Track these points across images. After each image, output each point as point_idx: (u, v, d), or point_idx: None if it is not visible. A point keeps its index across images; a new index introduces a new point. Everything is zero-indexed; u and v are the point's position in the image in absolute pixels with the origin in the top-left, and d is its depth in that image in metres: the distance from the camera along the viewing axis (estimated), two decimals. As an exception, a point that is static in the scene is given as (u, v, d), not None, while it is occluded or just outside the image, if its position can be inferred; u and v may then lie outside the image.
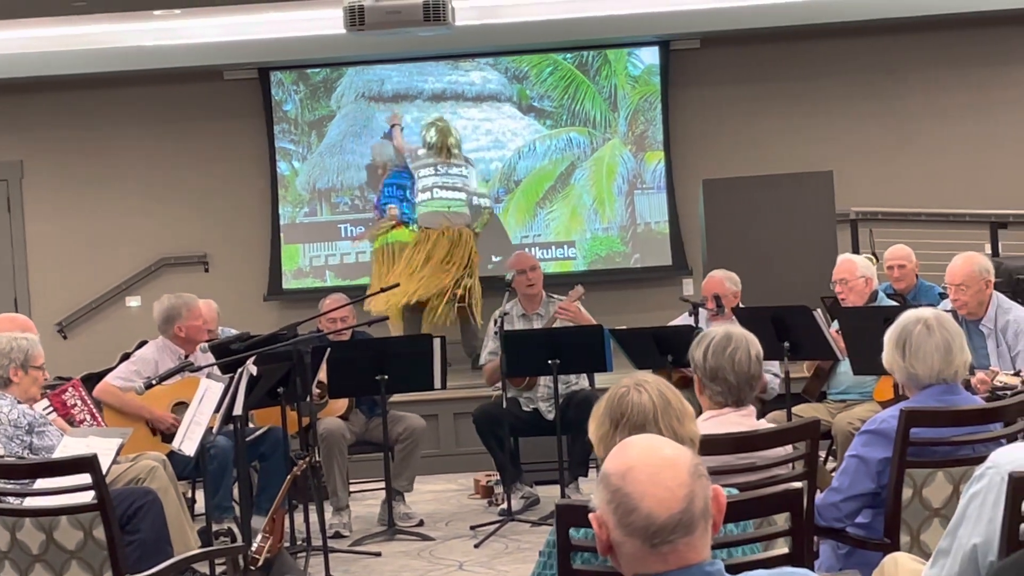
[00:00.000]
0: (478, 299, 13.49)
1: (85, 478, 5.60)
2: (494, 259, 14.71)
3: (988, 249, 13.68)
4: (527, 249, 14.36)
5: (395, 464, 9.58)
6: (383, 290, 11.48)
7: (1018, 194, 14.72)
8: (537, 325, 9.98)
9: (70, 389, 8.45)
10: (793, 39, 15.01)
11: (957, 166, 14.99)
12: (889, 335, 5.25)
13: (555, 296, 10.09)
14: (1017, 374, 7.14)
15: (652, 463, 2.84)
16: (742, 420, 5.00)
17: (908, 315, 5.27)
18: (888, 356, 5.24)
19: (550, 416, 9.74)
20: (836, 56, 15.13)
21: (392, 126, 14.99)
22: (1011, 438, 5.16)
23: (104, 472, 5.74)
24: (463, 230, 13.64)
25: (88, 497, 5.61)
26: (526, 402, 9.97)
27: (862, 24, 14.51)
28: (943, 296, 9.01)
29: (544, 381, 9.85)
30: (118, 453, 6.68)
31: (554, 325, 9.77)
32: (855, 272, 9.03)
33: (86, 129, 15.31)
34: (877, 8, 14.12)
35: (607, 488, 2.84)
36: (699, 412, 4.86)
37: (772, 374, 8.80)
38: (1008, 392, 6.66)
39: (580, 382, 10.00)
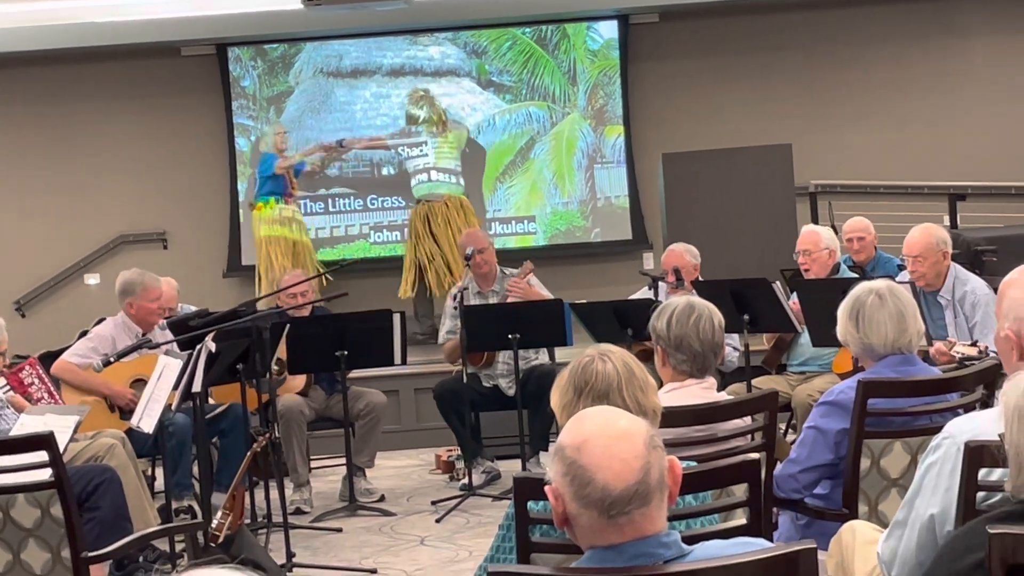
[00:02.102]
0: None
1: (42, 456, 5.57)
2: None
3: (947, 221, 13.73)
4: (487, 225, 14.37)
5: (356, 440, 9.57)
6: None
7: (976, 166, 14.78)
8: (492, 302, 9.97)
9: (27, 367, 8.39)
10: (752, 12, 15.03)
11: (916, 139, 15.04)
12: (843, 307, 5.27)
13: (509, 271, 10.09)
14: (974, 344, 7.17)
15: (608, 435, 2.83)
16: (703, 392, 5.02)
17: (861, 287, 5.29)
18: (842, 328, 5.26)
19: (511, 392, 9.74)
20: (795, 29, 15.15)
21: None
22: (968, 408, 5.18)
23: (62, 450, 5.72)
24: (462, 199, 13.58)
25: (45, 475, 5.58)
26: (486, 378, 9.96)
27: (820, -3, 14.55)
28: (902, 268, 9.03)
29: (503, 358, 9.85)
30: (75, 431, 6.66)
31: (507, 302, 9.78)
32: (819, 244, 9.06)
33: (43, 105, 15.21)
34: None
35: (563, 461, 2.84)
36: (660, 386, 4.87)
37: (731, 347, 8.81)
38: (968, 362, 6.68)
39: (540, 357, 10.00)
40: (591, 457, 2.80)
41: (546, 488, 2.89)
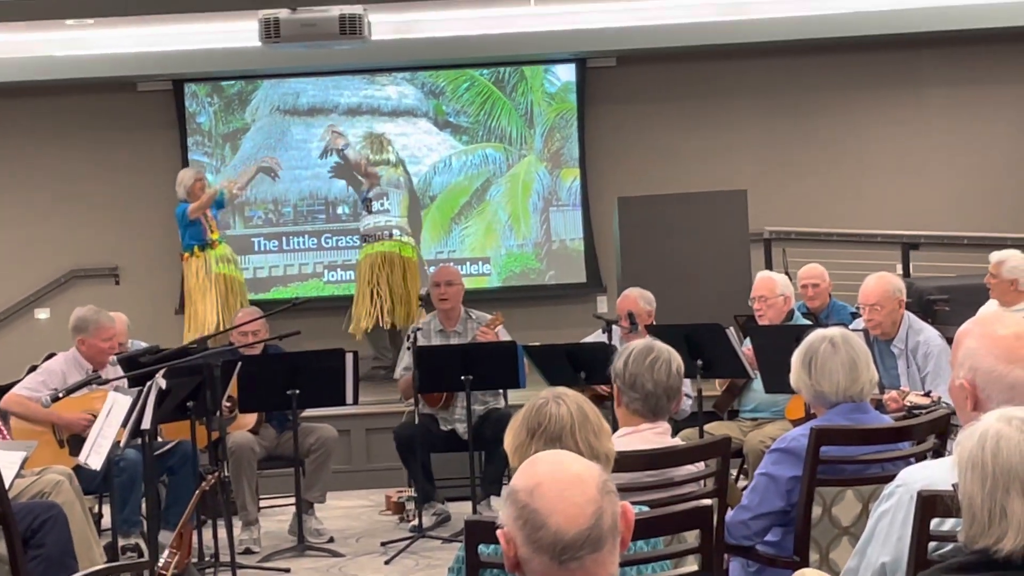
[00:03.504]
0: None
1: (-13, 491, 5.51)
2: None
3: (899, 270, 13.80)
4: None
5: (307, 475, 9.52)
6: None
7: (930, 216, 14.86)
8: (455, 342, 9.94)
9: (-25, 402, 8.33)
10: (708, 58, 15.09)
11: (870, 187, 15.12)
12: (796, 354, 5.28)
13: (476, 314, 10.07)
14: (927, 394, 7.19)
15: (560, 479, 2.81)
16: (656, 437, 5.01)
17: (815, 334, 5.30)
18: (795, 374, 5.27)
19: (467, 436, 9.70)
20: (750, 76, 15.23)
21: (342, 148, 14.85)
22: (920, 457, 5.19)
23: (7, 486, 5.65)
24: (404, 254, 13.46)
25: (-10, 511, 5.52)
26: (443, 422, 9.91)
27: (776, 45, 14.62)
28: (855, 315, 9.06)
29: (461, 403, 9.79)
30: (22, 467, 6.59)
31: (459, 344, 9.76)
32: (775, 290, 9.10)
33: (-4, 138, 15.14)
34: (791, 29, 14.20)
35: (515, 504, 2.82)
36: (615, 429, 4.87)
37: (685, 395, 8.81)
38: (919, 412, 6.70)
39: (496, 400, 9.98)
40: (544, 501, 2.78)
41: (498, 532, 2.86)
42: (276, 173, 14.90)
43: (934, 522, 3.67)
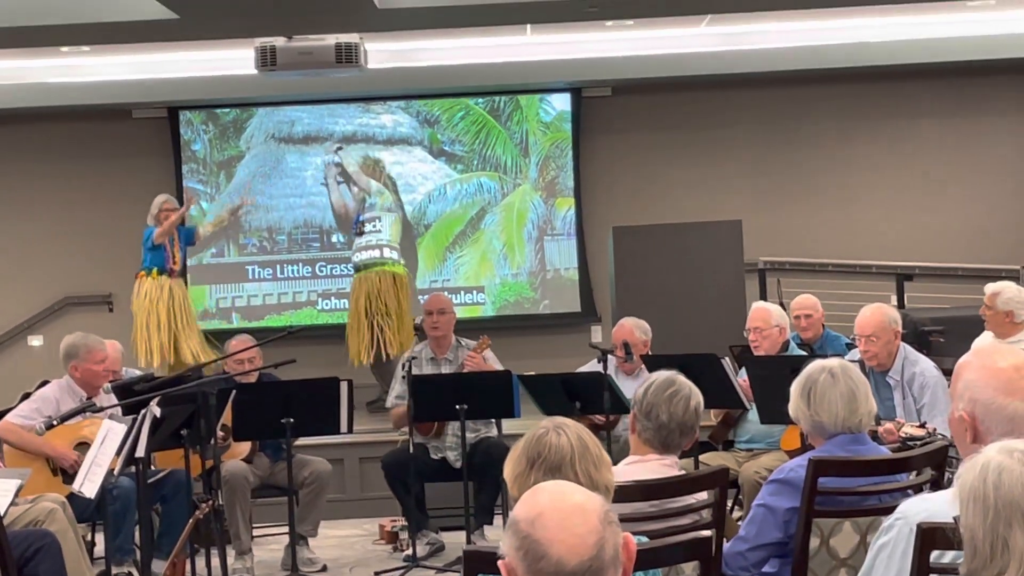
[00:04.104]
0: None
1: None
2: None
3: (894, 300, 13.82)
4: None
5: (300, 508, 9.48)
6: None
7: (924, 247, 14.89)
8: (446, 370, 9.93)
9: (-32, 429, 8.30)
10: (704, 88, 15.13)
11: (865, 218, 15.15)
12: (795, 384, 5.27)
13: (465, 341, 10.05)
14: (923, 426, 7.18)
15: (562, 509, 2.80)
16: (662, 469, 5.01)
17: (815, 364, 5.30)
18: (794, 405, 5.26)
19: (458, 465, 9.67)
20: (746, 106, 15.27)
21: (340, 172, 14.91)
22: (917, 489, 5.18)
23: (1, 513, 5.63)
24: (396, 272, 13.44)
25: (-16, 539, 5.50)
26: (434, 450, 9.90)
27: (772, 75, 14.65)
28: (850, 346, 9.06)
29: (452, 430, 9.77)
30: (16, 495, 6.57)
31: (455, 373, 9.75)
32: (769, 321, 9.10)
33: (-9, 165, 15.14)
34: (786, 60, 14.23)
35: (516, 534, 2.80)
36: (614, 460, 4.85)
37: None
38: (914, 443, 6.69)
39: (489, 430, 9.96)
40: (545, 531, 2.77)
41: (499, 562, 2.85)
42: (244, 208, 14.80)
43: (934, 555, 3.65)
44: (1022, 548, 2.95)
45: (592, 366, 9.73)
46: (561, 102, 15.29)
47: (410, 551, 9.61)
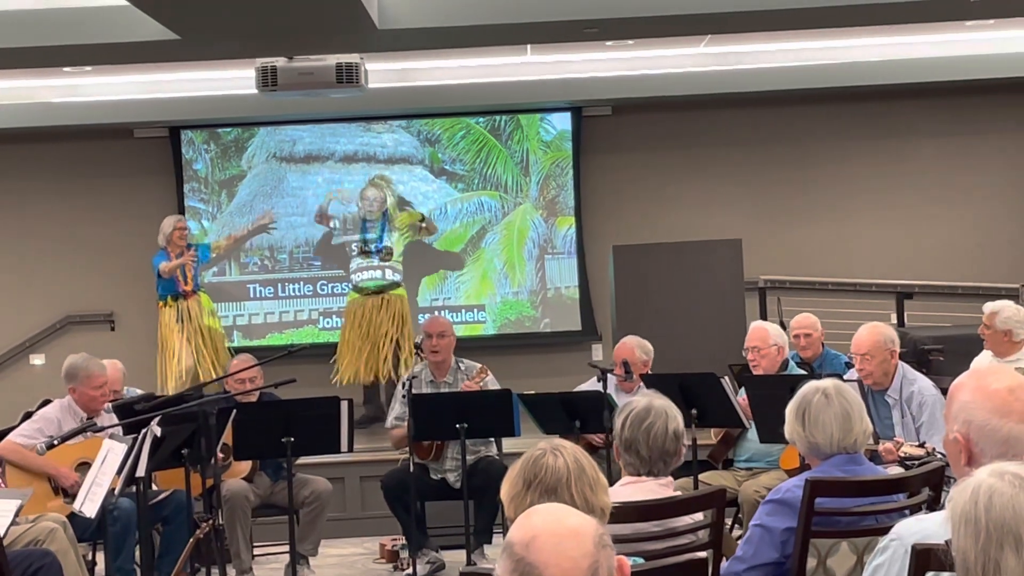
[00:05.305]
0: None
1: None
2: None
3: (894, 319, 13.83)
4: (437, 312, 14.32)
5: (300, 528, 9.48)
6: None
7: (924, 265, 14.91)
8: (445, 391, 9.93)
9: (-30, 448, 8.32)
10: (703, 108, 15.16)
11: (864, 236, 15.17)
12: (790, 406, 5.27)
13: (464, 363, 10.04)
14: (922, 445, 7.19)
15: (557, 532, 2.81)
16: (659, 489, 5.02)
17: (808, 385, 5.30)
18: (789, 426, 5.27)
19: (457, 485, 9.66)
20: (745, 125, 15.30)
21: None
22: (914, 509, 5.19)
23: (2, 533, 5.65)
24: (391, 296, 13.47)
25: (-15, 559, 5.52)
26: (434, 471, 9.89)
27: (771, 95, 14.68)
28: (849, 365, 9.07)
29: (451, 452, 9.77)
30: (17, 514, 6.58)
31: (455, 391, 9.75)
32: (768, 340, 9.10)
33: (-8, 184, 15.17)
34: (786, 80, 14.25)
35: (511, 557, 2.81)
36: (611, 481, 4.87)
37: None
38: (913, 463, 6.70)
39: (488, 449, 9.96)
40: (539, 554, 2.78)
41: (494, 585, 2.86)
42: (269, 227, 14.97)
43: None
44: (1014, 570, 2.97)
45: (592, 384, 9.74)
46: (561, 121, 15.31)
47: (410, 570, 9.61)
